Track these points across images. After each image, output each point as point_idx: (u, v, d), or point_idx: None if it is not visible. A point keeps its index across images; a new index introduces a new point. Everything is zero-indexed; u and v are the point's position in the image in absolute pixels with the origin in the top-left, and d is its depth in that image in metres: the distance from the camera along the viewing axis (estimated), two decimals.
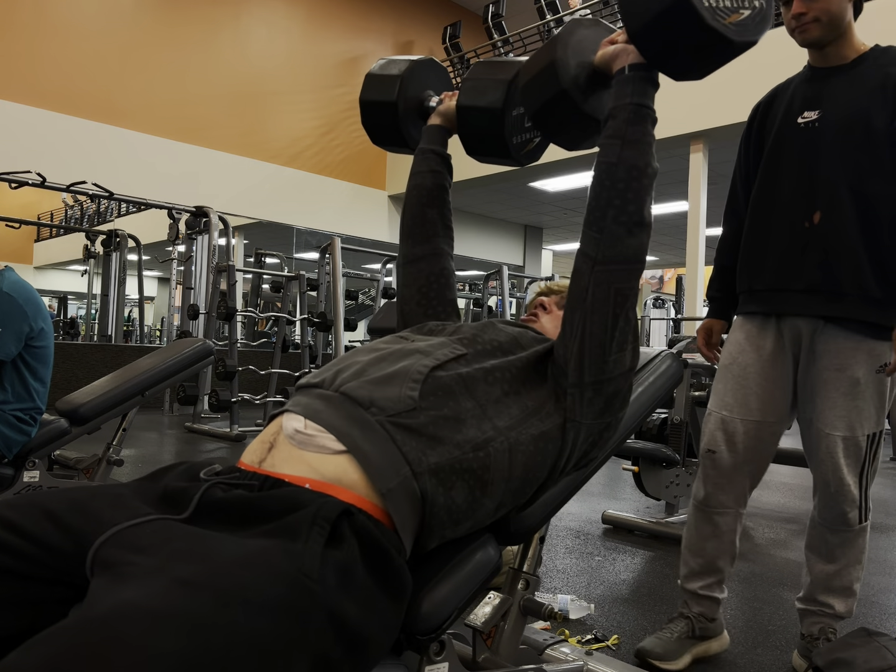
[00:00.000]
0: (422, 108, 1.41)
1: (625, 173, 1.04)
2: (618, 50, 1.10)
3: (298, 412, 0.97)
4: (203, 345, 2.79)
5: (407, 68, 1.39)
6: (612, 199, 1.05)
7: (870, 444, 1.63)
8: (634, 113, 1.05)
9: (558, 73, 1.13)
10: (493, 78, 1.28)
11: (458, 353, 1.06)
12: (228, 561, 0.73)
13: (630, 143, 1.05)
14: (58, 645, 0.62)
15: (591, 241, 1.07)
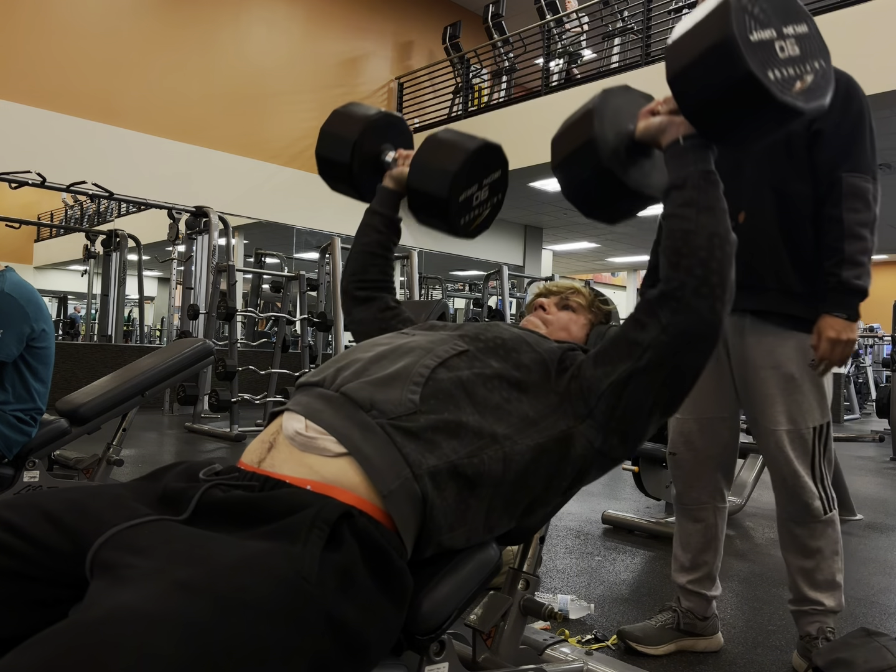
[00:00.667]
0: (378, 162, 1.42)
1: (706, 241, 0.98)
2: (664, 123, 1.05)
3: (299, 412, 0.97)
4: (203, 345, 2.79)
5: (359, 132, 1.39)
6: (693, 267, 0.98)
7: (816, 436, 1.67)
8: (704, 180, 1.01)
9: (598, 151, 1.07)
10: (440, 167, 1.25)
11: (460, 349, 1.05)
12: (227, 564, 0.72)
13: (706, 209, 1.00)
14: (53, 648, 0.61)
15: (667, 306, 0.99)
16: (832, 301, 1.58)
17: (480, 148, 1.26)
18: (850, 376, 10.32)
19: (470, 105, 8.99)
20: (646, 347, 0.99)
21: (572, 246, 12.71)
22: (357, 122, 1.41)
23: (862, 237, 1.56)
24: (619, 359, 1.02)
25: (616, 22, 7.97)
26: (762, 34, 0.94)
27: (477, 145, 1.26)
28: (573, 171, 1.13)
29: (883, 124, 6.13)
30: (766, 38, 0.94)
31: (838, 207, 1.57)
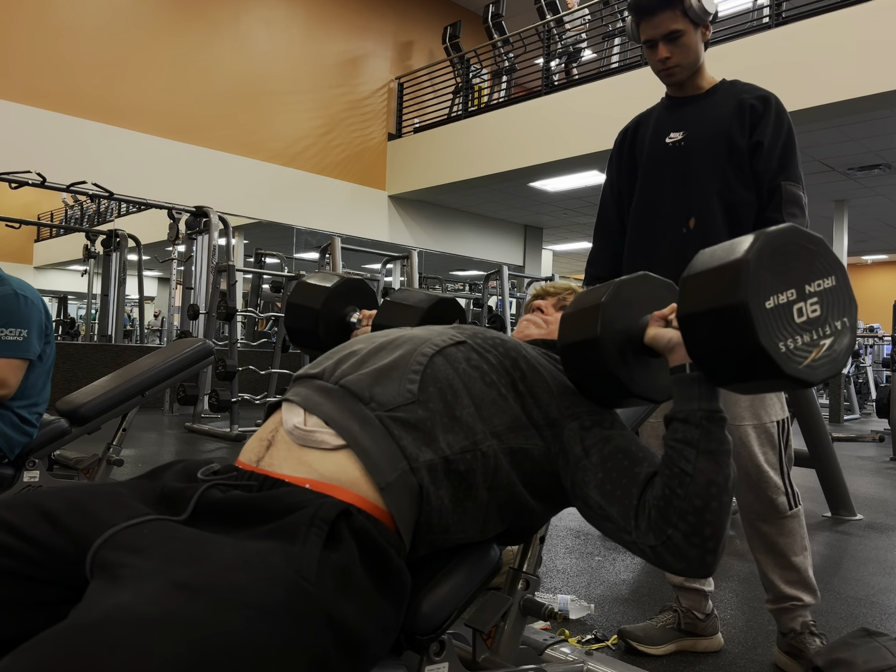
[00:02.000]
0: (344, 324, 1.53)
1: (703, 489, 0.91)
2: (674, 342, 0.99)
3: (298, 403, 0.97)
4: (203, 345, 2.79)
5: (324, 300, 1.50)
6: (686, 514, 0.91)
7: (780, 430, 1.73)
8: (707, 419, 0.95)
9: (602, 353, 1.03)
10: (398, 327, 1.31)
11: (458, 339, 1.05)
12: (225, 563, 0.72)
13: (706, 453, 0.93)
14: (51, 649, 0.61)
15: (657, 542, 0.93)
16: None
17: (434, 305, 1.36)
18: (850, 376, 10.33)
19: (470, 105, 8.99)
20: (630, 542, 0.97)
21: (572, 246, 12.71)
22: (320, 291, 1.54)
23: None
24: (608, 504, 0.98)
25: (616, 22, 7.96)
26: (780, 297, 0.88)
27: (430, 303, 1.35)
28: (577, 362, 1.09)
29: (883, 124, 6.14)
30: (783, 301, 0.88)
31: (780, 212, 1.70)
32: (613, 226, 1.97)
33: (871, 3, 5.44)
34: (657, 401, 1.11)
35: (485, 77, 9.28)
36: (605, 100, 6.94)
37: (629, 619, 2.06)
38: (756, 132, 1.74)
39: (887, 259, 15.29)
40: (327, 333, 1.51)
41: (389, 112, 9.68)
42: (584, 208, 9.90)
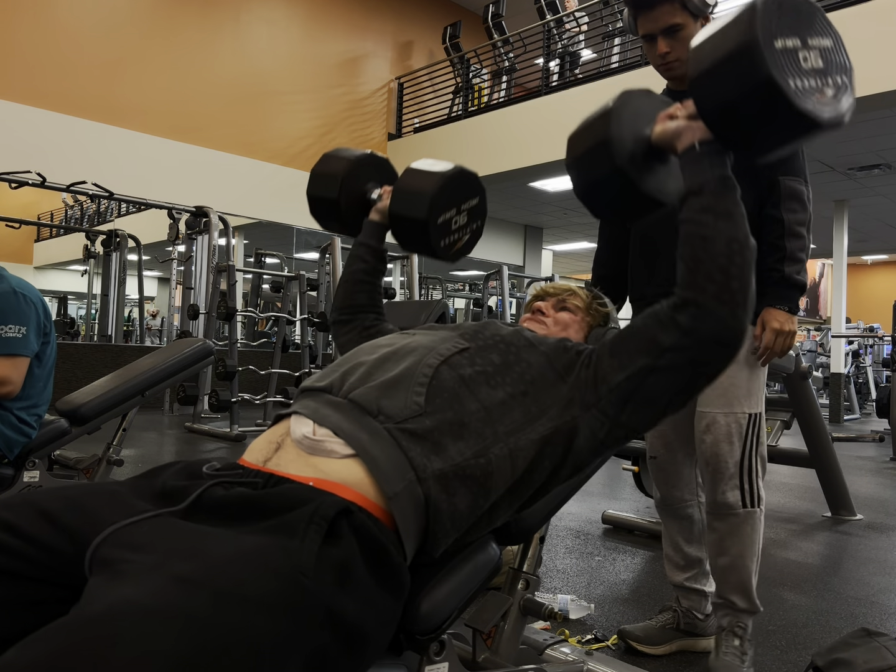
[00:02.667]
0: (364, 200, 1.50)
1: (725, 247, 0.97)
2: (681, 127, 1.03)
3: (307, 415, 0.97)
4: (203, 345, 2.79)
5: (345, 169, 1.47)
6: (713, 273, 0.96)
7: (751, 424, 1.69)
8: (721, 185, 1.00)
9: (613, 152, 1.06)
10: (418, 191, 1.32)
11: (462, 346, 1.06)
12: (225, 558, 0.73)
13: (724, 215, 0.98)
14: (54, 642, 0.62)
15: (687, 312, 0.97)
16: (775, 295, 1.65)
17: (456, 174, 1.35)
18: (850, 376, 10.33)
19: (470, 105, 8.99)
20: (666, 348, 0.98)
21: (572, 246, 12.71)
22: (344, 161, 1.50)
23: (801, 235, 1.65)
24: (637, 354, 1.00)
25: (616, 22, 7.96)
26: (787, 42, 0.93)
27: (452, 171, 1.34)
28: (587, 170, 1.12)
29: (883, 124, 6.14)
30: (790, 45, 0.93)
31: (778, 208, 1.65)
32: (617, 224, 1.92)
33: (871, 3, 5.44)
34: (666, 203, 1.12)
35: (485, 77, 9.28)
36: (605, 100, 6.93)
37: (629, 619, 2.06)
38: None
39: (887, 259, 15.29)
40: (348, 205, 1.48)
41: (389, 112, 9.68)
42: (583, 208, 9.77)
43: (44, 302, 2.31)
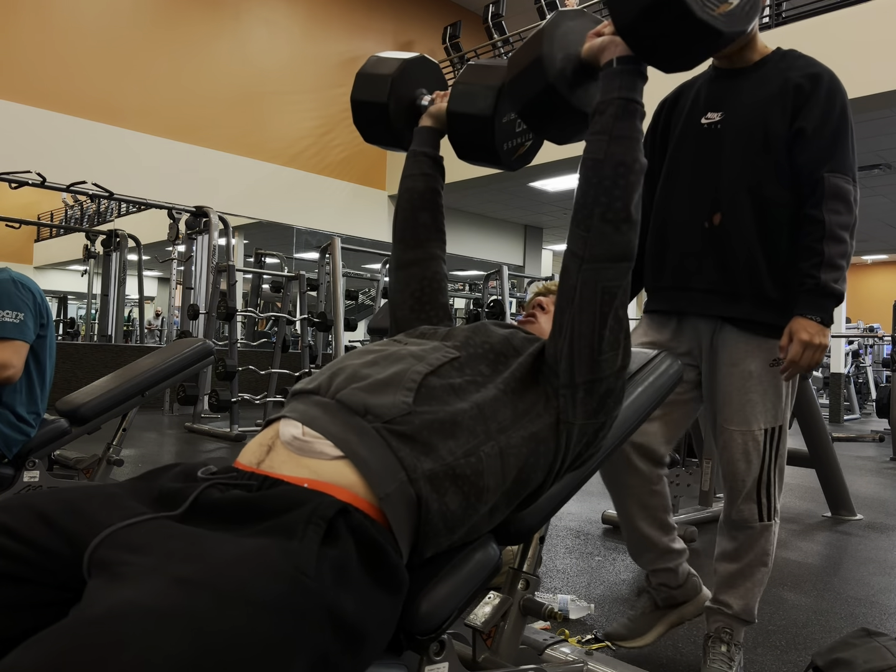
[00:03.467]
0: (413, 107, 1.39)
1: (611, 170, 1.02)
2: (605, 42, 1.07)
3: (296, 418, 0.97)
4: (203, 345, 2.79)
5: (397, 68, 1.37)
6: (599, 196, 1.02)
7: (768, 439, 1.61)
8: (622, 108, 1.03)
9: (545, 68, 1.10)
10: (482, 84, 1.26)
11: (451, 356, 1.06)
12: (225, 560, 0.73)
13: (617, 138, 1.02)
14: (57, 645, 0.61)
15: (579, 239, 1.04)
16: (807, 303, 1.51)
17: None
18: (850, 376, 10.33)
19: None
20: (574, 286, 1.04)
21: None
22: (394, 62, 1.39)
23: (842, 240, 1.50)
24: (561, 313, 1.06)
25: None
26: None
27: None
28: (523, 87, 1.15)
29: (883, 124, 6.14)
30: None
31: (819, 208, 1.50)
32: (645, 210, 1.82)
33: (871, 3, 5.44)
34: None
35: None
36: None
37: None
38: (800, 117, 1.53)
39: (887, 259, 15.29)
40: (397, 111, 1.37)
41: None
42: None
43: (41, 294, 2.31)
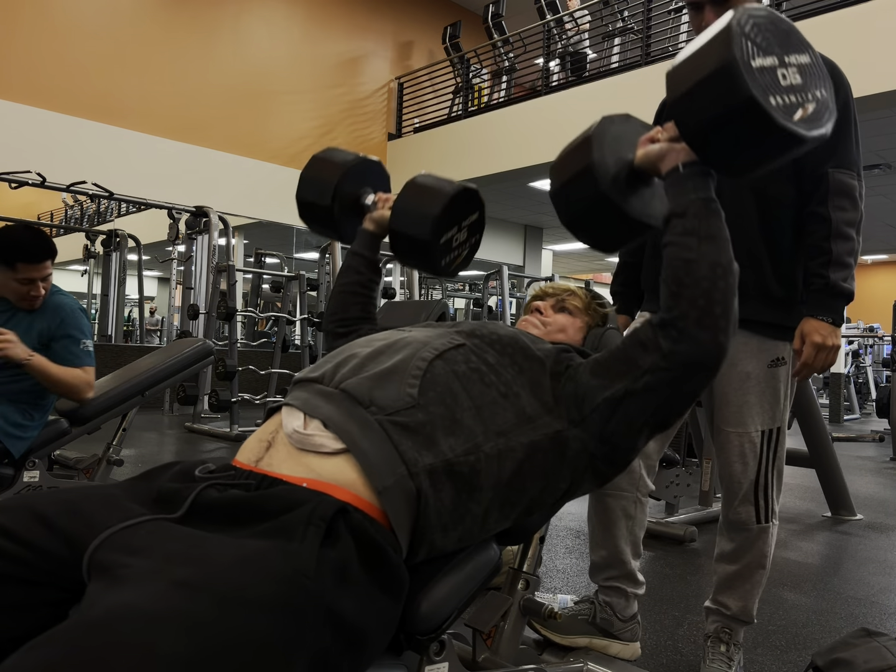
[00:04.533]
0: (357, 205, 1.46)
1: (708, 270, 0.96)
2: (664, 150, 1.04)
3: (298, 407, 0.97)
4: (203, 345, 2.79)
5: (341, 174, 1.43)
6: (696, 298, 0.96)
7: (766, 440, 1.59)
8: (704, 208, 0.99)
9: (597, 177, 1.06)
10: (423, 211, 1.29)
11: (457, 342, 1.05)
12: (225, 562, 0.72)
13: (707, 238, 0.98)
14: (57, 648, 0.61)
15: (668, 335, 0.97)
16: (817, 304, 1.49)
17: (459, 192, 1.30)
18: (850, 376, 10.33)
19: (470, 105, 8.99)
20: (645, 371, 0.98)
21: (572, 246, 12.71)
22: (337, 166, 1.45)
23: (849, 237, 1.48)
24: (616, 375, 1.01)
25: (616, 22, 7.96)
26: (764, 61, 0.93)
27: (456, 190, 1.30)
28: (571, 198, 1.11)
29: (883, 124, 6.14)
30: (767, 64, 0.93)
31: (824, 205, 1.48)
32: None
33: (871, 3, 5.44)
34: (652, 226, 1.11)
35: (485, 77, 9.28)
36: (605, 100, 6.94)
37: None
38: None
39: (887, 259, 15.29)
40: (341, 211, 1.43)
41: (389, 112, 9.68)
42: None
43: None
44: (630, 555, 1.70)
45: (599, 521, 1.72)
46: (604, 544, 1.71)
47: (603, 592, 1.72)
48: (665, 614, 2.12)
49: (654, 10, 7.25)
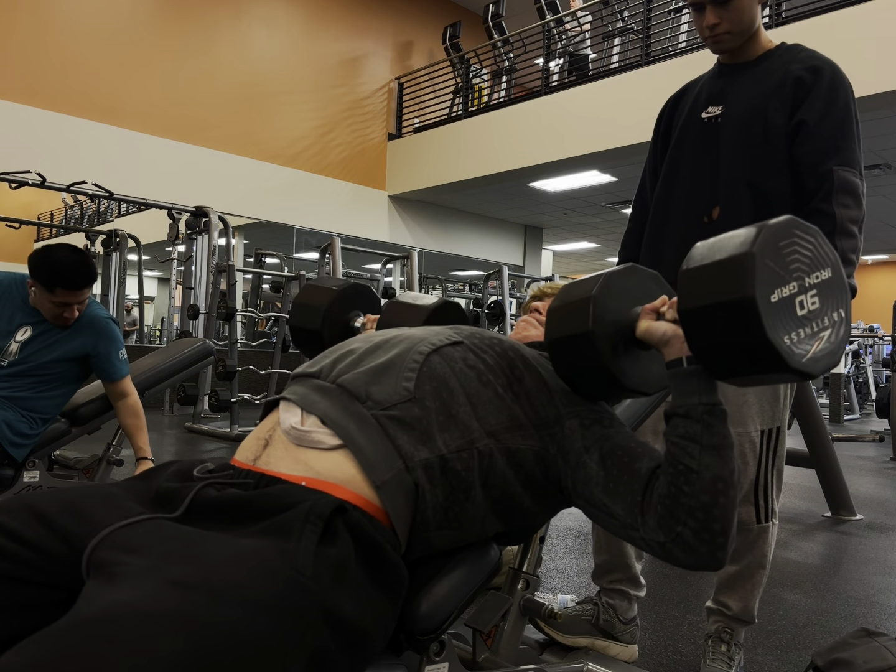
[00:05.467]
0: (347, 328, 1.53)
1: (710, 485, 0.91)
2: (668, 335, 0.98)
3: (296, 401, 0.97)
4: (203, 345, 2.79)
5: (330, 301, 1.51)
6: (695, 510, 0.91)
7: (765, 440, 1.58)
8: (708, 413, 0.94)
9: (594, 347, 1.02)
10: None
11: (454, 339, 1.06)
12: (222, 561, 0.72)
13: (710, 448, 0.93)
14: (51, 645, 0.61)
15: (666, 538, 0.93)
16: None
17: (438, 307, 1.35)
18: (850, 376, 10.33)
19: (470, 105, 8.98)
20: (636, 537, 0.96)
21: (572, 246, 12.70)
22: (326, 292, 1.53)
23: (853, 234, 1.47)
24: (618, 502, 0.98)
25: (616, 22, 7.96)
26: (783, 291, 0.87)
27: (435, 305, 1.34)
28: (567, 356, 1.07)
29: (883, 124, 6.14)
30: (786, 294, 0.88)
31: (829, 202, 1.46)
32: (648, 207, 1.76)
33: (871, 3, 5.44)
34: (648, 393, 1.09)
35: (485, 77, 9.28)
36: (605, 100, 6.94)
37: None
38: (801, 110, 1.49)
39: (887, 259, 15.29)
40: (331, 336, 1.51)
41: (389, 112, 9.67)
42: (584, 208, 9.89)
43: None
44: (634, 558, 1.71)
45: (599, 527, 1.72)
46: (608, 548, 1.72)
47: (606, 595, 1.73)
48: (665, 614, 2.12)
49: (654, 10, 7.25)
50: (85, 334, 2.29)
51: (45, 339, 2.24)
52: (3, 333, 2.22)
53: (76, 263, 2.18)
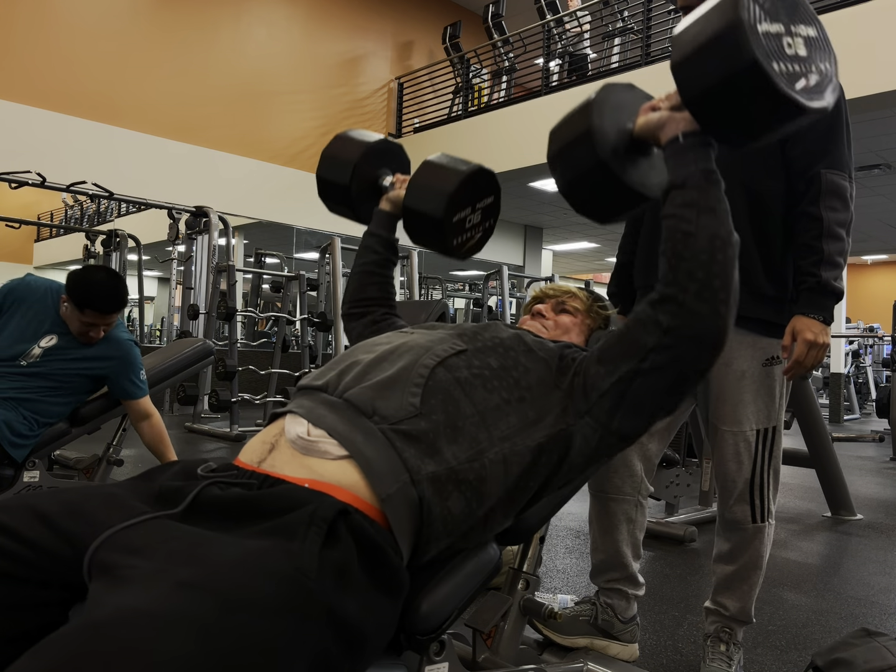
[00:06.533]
0: (375, 186, 1.47)
1: (707, 243, 0.94)
2: (664, 118, 1.01)
3: (302, 415, 0.97)
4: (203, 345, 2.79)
5: (360, 154, 1.44)
6: (694, 271, 0.94)
7: (761, 440, 1.59)
8: (705, 179, 0.97)
9: (595, 144, 1.03)
10: (437, 188, 1.29)
11: (459, 348, 1.05)
12: (227, 562, 0.72)
13: (707, 210, 0.96)
14: (63, 652, 0.61)
15: (668, 310, 0.96)
16: (809, 302, 1.50)
17: (475, 172, 1.30)
18: (850, 376, 10.33)
19: (470, 105, 8.98)
20: (649, 349, 0.96)
21: (572, 246, 12.70)
22: (358, 146, 1.45)
23: (840, 237, 1.50)
24: (622, 358, 0.99)
25: (616, 22, 7.96)
26: (770, 27, 0.91)
27: (472, 169, 1.29)
28: (569, 163, 1.09)
29: (883, 124, 6.13)
30: (773, 31, 0.91)
31: (816, 205, 1.49)
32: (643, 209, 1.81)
33: (871, 3, 5.44)
34: (649, 197, 1.10)
35: (485, 77, 9.28)
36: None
37: None
38: None
39: (887, 259, 15.29)
40: (359, 191, 1.44)
41: (389, 112, 9.67)
42: None
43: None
44: (631, 557, 1.71)
45: (601, 524, 1.73)
46: (605, 547, 1.72)
47: (604, 594, 1.73)
48: (665, 614, 2.12)
49: (654, 10, 7.25)
50: (105, 356, 2.35)
51: (67, 351, 2.29)
52: (29, 337, 2.27)
53: (110, 289, 2.24)
